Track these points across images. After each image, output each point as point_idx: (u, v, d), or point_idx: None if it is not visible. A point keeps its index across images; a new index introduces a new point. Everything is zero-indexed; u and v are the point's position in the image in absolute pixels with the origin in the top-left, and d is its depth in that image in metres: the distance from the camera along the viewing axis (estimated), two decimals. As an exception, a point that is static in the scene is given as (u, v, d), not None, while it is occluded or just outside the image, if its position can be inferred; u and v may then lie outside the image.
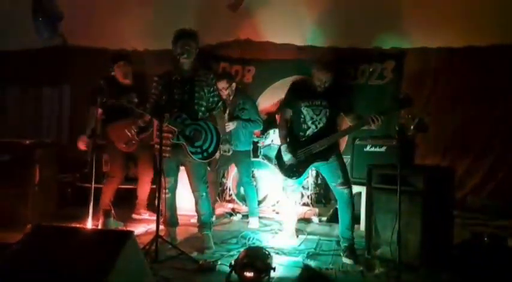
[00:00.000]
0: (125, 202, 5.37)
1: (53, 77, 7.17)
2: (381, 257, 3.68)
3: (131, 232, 2.82)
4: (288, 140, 4.12)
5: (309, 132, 4.03)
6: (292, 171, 4.10)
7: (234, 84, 5.09)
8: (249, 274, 3.11)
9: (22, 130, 7.11)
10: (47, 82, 7.26)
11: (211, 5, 6.51)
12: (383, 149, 4.79)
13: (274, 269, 3.20)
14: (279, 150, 4.17)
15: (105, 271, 2.51)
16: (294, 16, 6.33)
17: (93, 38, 6.97)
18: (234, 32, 6.69)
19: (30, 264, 2.65)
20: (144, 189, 5.24)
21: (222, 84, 4.90)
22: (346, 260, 3.83)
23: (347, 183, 3.99)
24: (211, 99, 4.13)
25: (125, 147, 4.75)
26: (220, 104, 4.23)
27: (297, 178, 4.12)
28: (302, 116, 4.04)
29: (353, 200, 4.02)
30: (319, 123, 4.00)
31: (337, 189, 3.99)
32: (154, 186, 5.68)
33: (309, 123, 4.02)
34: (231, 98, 5.07)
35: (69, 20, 6.64)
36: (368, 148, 4.87)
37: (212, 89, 4.13)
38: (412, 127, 4.92)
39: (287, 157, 4.04)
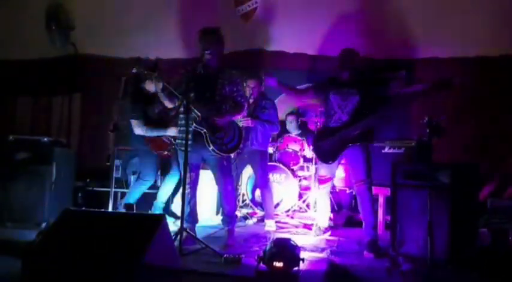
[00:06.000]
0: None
1: (63, 85, 7.16)
2: (406, 254, 3.63)
3: (163, 215, 2.79)
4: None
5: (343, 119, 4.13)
6: (328, 155, 4.17)
7: (262, 86, 5.14)
8: (278, 264, 3.02)
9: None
10: (58, 91, 7.26)
11: (223, 16, 6.59)
12: (402, 150, 4.77)
13: (303, 260, 3.14)
14: (315, 135, 4.31)
15: (141, 252, 2.48)
16: (306, 26, 6.41)
17: (104, 47, 7.02)
18: (246, 41, 6.74)
19: (66, 246, 2.62)
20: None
21: (253, 83, 5.00)
22: (367, 254, 3.86)
23: (366, 180, 4.02)
24: (234, 100, 4.08)
25: (167, 154, 4.78)
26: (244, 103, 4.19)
27: (332, 162, 4.16)
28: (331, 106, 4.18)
29: (371, 195, 4.06)
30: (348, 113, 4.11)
31: (355, 186, 4.09)
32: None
33: (339, 111, 4.16)
34: (253, 98, 5.09)
35: (80, 29, 6.70)
36: (386, 150, 4.84)
37: (235, 89, 4.07)
38: (428, 131, 4.91)
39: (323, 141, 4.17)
